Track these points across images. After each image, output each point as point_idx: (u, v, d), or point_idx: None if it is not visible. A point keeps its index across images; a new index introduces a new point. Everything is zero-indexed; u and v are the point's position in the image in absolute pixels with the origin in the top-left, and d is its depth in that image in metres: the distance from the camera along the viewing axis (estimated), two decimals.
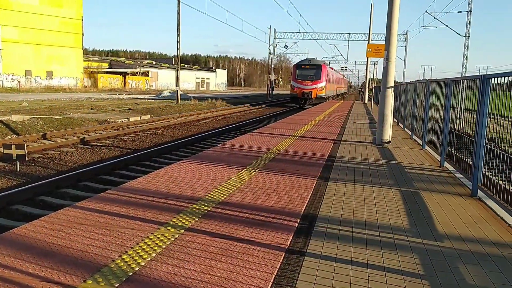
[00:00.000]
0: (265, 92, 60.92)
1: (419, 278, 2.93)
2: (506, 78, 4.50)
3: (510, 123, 4.32)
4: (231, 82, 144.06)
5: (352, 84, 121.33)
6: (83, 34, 61.87)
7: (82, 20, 61.37)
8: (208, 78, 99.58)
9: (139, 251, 3.19)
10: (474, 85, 5.67)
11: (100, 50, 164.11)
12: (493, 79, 4.92)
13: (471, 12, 34.31)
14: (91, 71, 68.38)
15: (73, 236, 3.48)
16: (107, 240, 3.39)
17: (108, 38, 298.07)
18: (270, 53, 54.98)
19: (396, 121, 16.00)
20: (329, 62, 51.21)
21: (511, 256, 3.37)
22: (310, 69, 36.04)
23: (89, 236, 3.48)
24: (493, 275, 3.01)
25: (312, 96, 35.30)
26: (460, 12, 34.77)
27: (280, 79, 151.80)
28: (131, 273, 2.83)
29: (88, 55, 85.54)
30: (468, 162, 5.67)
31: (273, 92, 56.83)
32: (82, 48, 63.78)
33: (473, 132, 5.38)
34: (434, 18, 35.18)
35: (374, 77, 37.48)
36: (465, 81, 6.38)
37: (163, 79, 79.81)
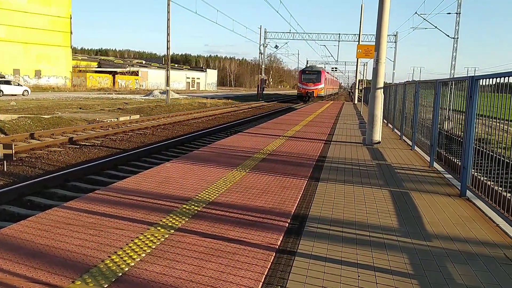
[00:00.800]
0: (256, 92, 60.92)
1: (409, 277, 2.95)
2: (494, 79, 4.55)
3: (498, 124, 4.37)
4: (221, 82, 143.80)
5: (342, 85, 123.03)
6: (71, 32, 61.33)
7: (71, 18, 60.84)
8: (199, 78, 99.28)
9: (129, 251, 3.17)
10: (462, 86, 5.72)
11: (89, 49, 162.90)
12: (481, 80, 4.97)
13: (460, 14, 34.67)
14: (80, 70, 67.78)
15: (61, 236, 3.44)
16: (96, 241, 3.36)
17: (97, 37, 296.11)
18: (260, 53, 55.02)
19: (386, 121, 16.10)
20: (324, 66, 60.94)
21: (499, 255, 3.41)
22: (312, 74, 47.68)
23: (78, 237, 3.44)
24: (481, 275, 3.03)
25: (314, 95, 46.49)
26: (449, 13, 35.10)
27: (271, 79, 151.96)
28: (120, 274, 2.81)
29: (77, 54, 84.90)
30: (457, 162, 5.72)
31: (264, 92, 56.84)
32: (71, 47, 63.20)
33: (462, 133, 5.43)
34: (424, 19, 35.49)
35: (364, 78, 37.71)
36: (453, 82, 6.44)
37: (153, 78, 79.39)
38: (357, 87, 40.90)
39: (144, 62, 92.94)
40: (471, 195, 5.12)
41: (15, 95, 36.87)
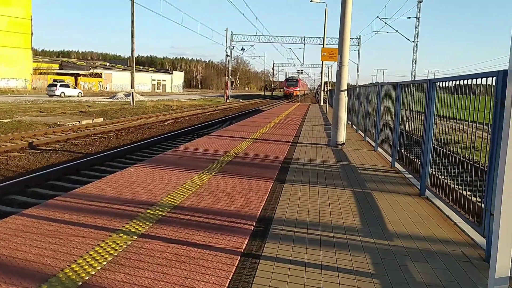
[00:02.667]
0: (223, 94, 60.78)
1: (370, 277, 3.01)
2: (449, 82, 4.72)
3: (456, 124, 4.53)
4: (188, 84, 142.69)
5: (308, 87, 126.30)
6: (32, 34, 59.44)
7: (32, 20, 58.93)
8: (165, 80, 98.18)
9: (89, 259, 3.09)
10: (422, 88, 5.91)
11: (51, 50, 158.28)
12: (438, 83, 5.15)
13: (419, 18, 35.78)
14: (41, 73, 65.74)
15: (19, 245, 3.32)
16: (56, 249, 3.26)
17: (59, 38, 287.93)
18: (227, 55, 54.97)
19: (350, 123, 16.40)
20: (298, 74, 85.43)
21: (456, 253, 3.53)
22: (293, 81, 76.88)
23: (37, 245, 3.33)
24: (440, 272, 3.13)
25: (294, 95, 74.29)
26: (409, 18, 36.17)
27: (238, 81, 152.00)
28: (80, 283, 2.74)
29: (38, 55, 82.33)
30: (417, 162, 5.89)
31: (231, 94, 56.80)
32: (32, 49, 61.22)
33: (422, 133, 5.59)
34: (385, 23, 36.42)
35: (329, 80, 38.32)
36: (413, 84, 6.63)
37: (118, 80, 77.90)
38: (322, 89, 41.49)
39: (108, 64, 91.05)
40: (430, 194, 5.28)
41: None
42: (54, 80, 49.67)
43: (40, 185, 8.26)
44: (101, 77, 74.37)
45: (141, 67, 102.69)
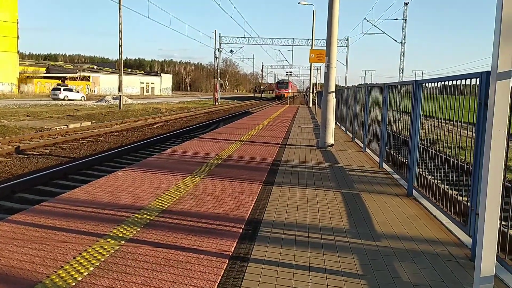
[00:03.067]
0: (212, 97, 60.68)
1: (358, 278, 3.03)
2: (434, 83, 4.77)
3: (443, 124, 4.58)
4: (177, 86, 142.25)
5: (298, 88, 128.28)
6: (18, 37, 58.77)
7: (18, 23, 58.27)
8: (153, 83, 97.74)
9: (76, 265, 3.06)
10: (408, 89, 5.96)
11: (37, 54, 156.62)
12: (424, 84, 5.21)
13: (406, 20, 36.11)
14: (28, 76, 65.03)
15: (5, 252, 3.28)
16: (42, 255, 3.23)
17: (46, 41, 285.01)
18: (215, 57, 54.92)
19: (339, 124, 16.49)
20: (288, 76, 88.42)
21: (443, 253, 3.57)
22: (284, 84, 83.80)
23: (23, 252, 3.29)
24: (426, 272, 3.16)
25: (285, 96, 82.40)
26: (396, 19, 36.49)
27: (227, 84, 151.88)
28: None
29: (24, 59, 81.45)
30: (405, 161, 5.94)
31: (220, 96, 56.76)
32: (18, 52, 60.54)
33: (409, 134, 5.64)
34: (373, 25, 36.69)
35: (318, 82, 38.48)
36: (400, 86, 6.69)
37: (105, 84, 77.37)
38: (311, 90, 41.66)
39: (95, 67, 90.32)
40: (418, 195, 5.33)
41: None
42: (58, 84, 51.87)
43: (27, 190, 8.17)
44: (89, 80, 73.79)
45: (129, 70, 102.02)
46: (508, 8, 2.56)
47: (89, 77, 74.25)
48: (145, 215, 4.28)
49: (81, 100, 48.29)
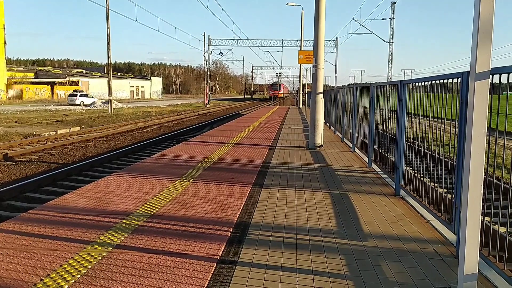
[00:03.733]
0: (202, 100, 60.59)
1: (344, 278, 3.06)
2: (418, 83, 4.82)
3: (428, 121, 4.63)
4: (167, 89, 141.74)
5: (289, 89, 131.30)
6: (5, 43, 58.18)
7: (4, 28, 57.70)
8: (143, 87, 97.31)
9: (63, 273, 3.05)
10: (394, 89, 6.01)
11: (25, 59, 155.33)
12: (409, 84, 5.26)
13: (393, 19, 36.37)
14: (16, 82, 64.38)
15: None
16: (28, 264, 3.21)
17: (34, 47, 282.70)
18: (205, 60, 54.88)
19: (328, 125, 16.56)
20: (278, 78, 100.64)
21: (429, 251, 3.61)
22: (276, 85, 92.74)
23: (9, 261, 3.27)
24: (412, 271, 3.20)
25: (278, 97, 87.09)
26: (384, 19, 36.74)
27: (218, 86, 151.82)
28: None
29: (12, 65, 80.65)
30: (392, 159, 5.98)
31: (210, 99, 56.70)
32: (5, 58, 59.92)
33: (395, 133, 5.69)
34: (361, 25, 36.91)
35: (308, 82, 38.61)
36: (386, 86, 6.74)
37: (95, 88, 76.85)
38: (301, 91, 41.78)
39: (84, 71, 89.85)
40: (405, 194, 5.37)
41: None
42: (74, 91, 53.67)
43: (15, 198, 8.10)
44: (78, 85, 73.23)
45: (119, 74, 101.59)
46: (485, 12, 2.60)
47: (78, 81, 73.74)
48: (133, 221, 4.28)
49: (93, 105, 47.72)
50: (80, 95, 49.96)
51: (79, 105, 47.61)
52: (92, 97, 52.89)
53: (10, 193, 8.16)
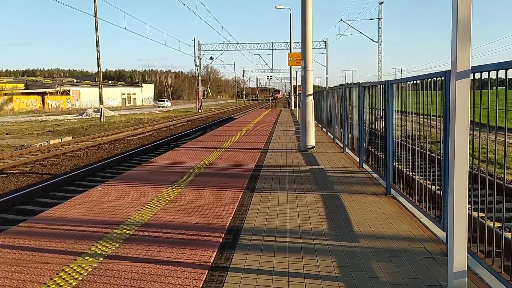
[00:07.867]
0: (194, 105, 60.51)
1: (336, 280, 3.06)
2: (404, 83, 4.86)
3: (421, 119, 4.66)
4: (159, 96, 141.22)
5: (282, 92, 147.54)
6: None
7: None
8: (135, 94, 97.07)
9: (53, 286, 3.03)
10: (381, 89, 6.04)
11: (15, 70, 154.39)
12: (395, 84, 5.30)
13: (382, 19, 36.58)
14: (6, 93, 63.92)
15: None
16: (18, 278, 3.19)
17: (23, 57, 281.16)
18: (196, 65, 54.85)
19: (320, 126, 16.60)
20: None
21: (420, 249, 3.63)
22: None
23: None
24: (403, 270, 3.21)
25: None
26: (371, 19, 36.94)
27: (209, 90, 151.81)
28: None
29: (2, 76, 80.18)
30: (382, 157, 6.01)
31: (202, 104, 56.66)
32: None
33: (383, 132, 5.72)
34: (349, 25, 37.09)
35: (298, 84, 38.71)
36: (373, 86, 6.78)
37: (86, 97, 76.57)
38: (292, 93, 41.89)
39: (75, 80, 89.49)
40: (396, 193, 5.40)
41: None
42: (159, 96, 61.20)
43: (6, 210, 8.04)
44: (69, 94, 72.98)
45: (110, 82, 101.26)
46: (463, 12, 2.63)
47: (69, 91, 73.43)
48: (125, 230, 4.26)
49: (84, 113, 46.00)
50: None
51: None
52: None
53: (2, 206, 8.10)
